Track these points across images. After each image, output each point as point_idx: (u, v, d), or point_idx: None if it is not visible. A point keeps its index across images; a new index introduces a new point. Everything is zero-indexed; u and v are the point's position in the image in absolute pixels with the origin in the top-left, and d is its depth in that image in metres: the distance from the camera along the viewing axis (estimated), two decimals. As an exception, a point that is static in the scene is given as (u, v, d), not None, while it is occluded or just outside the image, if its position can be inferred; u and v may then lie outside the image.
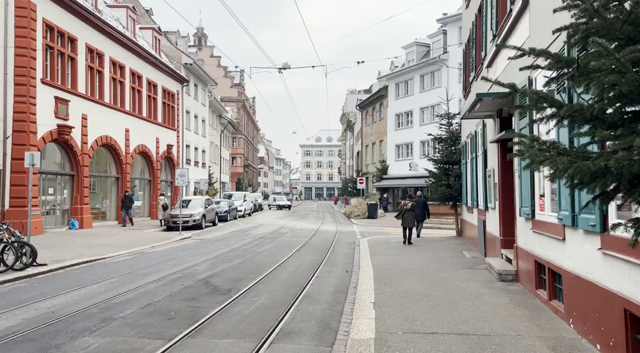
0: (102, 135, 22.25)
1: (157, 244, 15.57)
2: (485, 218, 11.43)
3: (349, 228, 24.24)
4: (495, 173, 9.97)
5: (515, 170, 7.72)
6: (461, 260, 11.21)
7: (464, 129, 16.05)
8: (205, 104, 39.85)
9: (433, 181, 17.79)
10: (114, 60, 23.30)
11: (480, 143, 11.91)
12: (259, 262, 11.38)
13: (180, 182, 20.19)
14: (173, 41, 34.17)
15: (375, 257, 11.97)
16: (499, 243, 9.62)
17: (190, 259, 11.89)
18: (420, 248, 13.62)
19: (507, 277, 8.14)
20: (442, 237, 17.34)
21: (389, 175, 42.94)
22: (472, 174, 13.69)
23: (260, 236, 18.86)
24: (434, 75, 39.20)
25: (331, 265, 11.08)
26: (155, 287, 8.13)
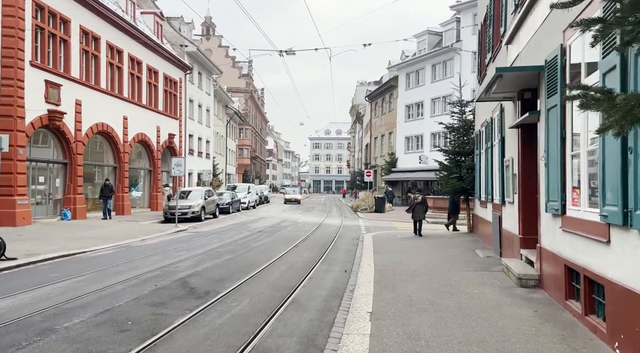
0: (98, 122, 21.34)
1: (148, 237, 14.64)
2: (502, 213, 10.28)
3: (354, 222, 23.17)
4: (515, 162, 8.82)
5: (541, 157, 6.58)
6: (474, 260, 10.09)
7: (478, 117, 14.84)
8: (210, 93, 38.87)
9: (444, 174, 16.62)
10: (111, 45, 22.33)
11: (497, 130, 10.73)
12: (250, 259, 10.36)
13: (177, 171, 19.24)
14: (176, 27, 33.15)
15: (379, 255, 10.89)
16: (518, 243, 8.48)
17: (176, 254, 10.91)
18: (428, 246, 12.51)
19: (529, 282, 7.01)
20: (452, 233, 16.21)
21: (398, 168, 41.72)
22: (486, 165, 12.51)
23: (259, 230, 17.86)
24: (446, 64, 37.79)
25: (329, 264, 10.03)
26: (123, 288, 7.13)
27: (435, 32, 40.71)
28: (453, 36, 37.28)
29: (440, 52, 37.77)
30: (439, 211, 25.67)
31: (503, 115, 10.00)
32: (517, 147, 8.56)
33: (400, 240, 14.10)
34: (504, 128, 9.95)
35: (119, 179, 23.56)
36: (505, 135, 9.82)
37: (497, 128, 10.77)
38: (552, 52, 6.17)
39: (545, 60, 6.41)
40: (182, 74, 31.67)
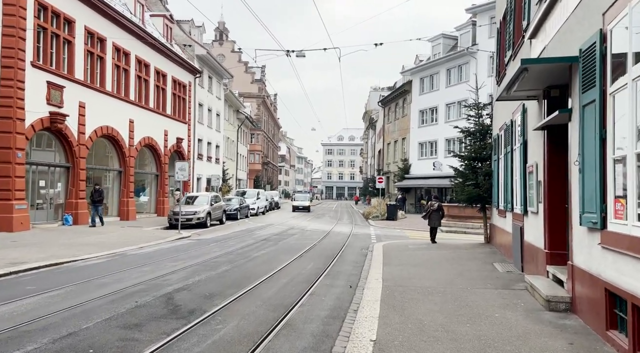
0: (103, 125, 20.87)
1: (147, 244, 13.97)
2: (523, 224, 9.37)
3: (364, 230, 22.29)
4: (540, 168, 7.93)
5: (574, 162, 5.71)
6: (492, 275, 9.18)
7: (496, 120, 13.93)
8: (220, 97, 38.42)
9: (459, 180, 15.69)
10: (118, 47, 21.91)
11: (518, 133, 9.84)
12: (249, 271, 9.59)
13: (181, 176, 18.61)
14: (187, 30, 32.78)
15: (389, 268, 10.04)
16: (544, 258, 7.58)
17: (170, 264, 10.19)
18: (443, 258, 11.61)
19: (559, 305, 6.11)
20: (468, 244, 15.26)
21: (411, 175, 40.73)
22: (505, 171, 11.61)
23: (264, 237, 17.10)
24: (462, 68, 36.82)
25: (333, 277, 9.21)
26: (98, 305, 6.40)
27: (450, 36, 39.79)
28: (468, 40, 36.32)
29: (455, 56, 36.83)
30: (454, 219, 24.70)
31: (525, 116, 9.12)
32: (543, 151, 7.67)
33: (412, 251, 13.22)
34: (527, 130, 9.07)
35: (124, 184, 23.06)
36: (528, 139, 8.93)
37: (518, 131, 9.88)
38: (589, 39, 5.32)
39: (580, 49, 5.55)
40: (192, 77, 31.22)
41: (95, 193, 18.60)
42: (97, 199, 18.57)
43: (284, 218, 30.35)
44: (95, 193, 18.60)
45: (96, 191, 18.69)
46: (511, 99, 8.63)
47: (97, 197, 18.59)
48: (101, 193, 18.86)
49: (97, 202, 18.59)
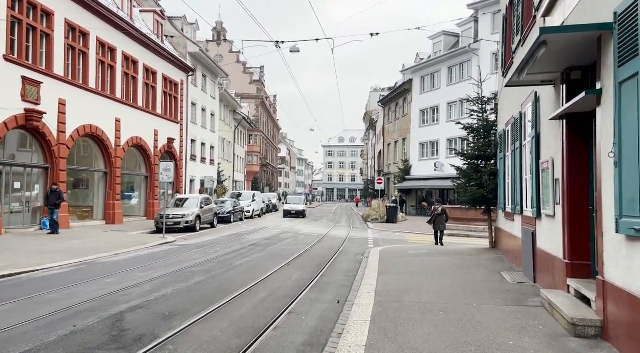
0: (86, 124, 19.80)
1: (124, 251, 12.88)
2: (536, 229, 8.26)
3: (362, 234, 21.17)
4: (557, 164, 6.82)
5: (609, 154, 4.61)
6: (501, 286, 8.07)
7: (502, 115, 12.84)
8: (215, 97, 37.37)
9: (462, 181, 14.56)
10: (103, 42, 20.86)
11: (529, 126, 8.74)
12: (225, 283, 8.49)
13: (165, 177, 17.52)
14: (179, 27, 31.76)
15: (384, 277, 8.94)
16: (563, 269, 6.47)
17: (139, 275, 9.09)
18: (445, 265, 10.50)
19: (587, 330, 4.99)
20: (472, 249, 14.14)
21: (412, 176, 39.61)
22: (513, 170, 10.51)
23: (253, 242, 15.99)
24: (463, 66, 35.72)
25: (320, 290, 8.10)
26: (24, 332, 5.29)
27: (452, 33, 38.70)
28: (470, 37, 35.23)
29: (457, 53, 35.76)
30: (456, 222, 23.57)
31: (538, 106, 8.02)
32: (561, 145, 6.57)
33: (411, 258, 12.11)
34: (539, 122, 7.97)
35: (110, 186, 21.99)
36: (542, 131, 7.83)
37: (529, 124, 8.78)
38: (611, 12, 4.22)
39: (615, 13, 4.45)
40: (184, 75, 30.19)
41: (53, 196, 16.09)
42: (55, 202, 16.03)
43: (280, 221, 29.24)
44: (52, 196, 16.10)
45: (53, 192, 16.18)
46: (523, 84, 7.51)
47: (55, 199, 16.06)
48: (60, 195, 16.31)
49: (54, 205, 16.04)
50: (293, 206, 34.87)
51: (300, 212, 33.93)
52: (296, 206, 34.82)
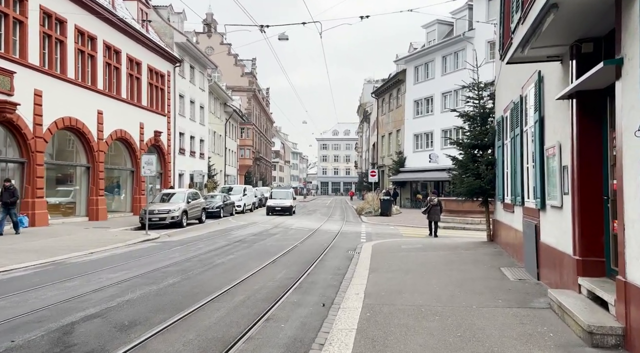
0: (65, 116, 18.91)
1: (100, 249, 12.10)
2: (539, 222, 7.57)
3: (355, 228, 20.48)
4: (566, 150, 6.11)
5: (636, 132, 3.89)
6: (502, 285, 7.38)
7: (500, 101, 12.12)
8: (205, 89, 36.43)
9: (458, 171, 13.86)
10: (82, 30, 19.93)
11: (531, 110, 8.02)
12: (200, 285, 7.75)
13: (147, 171, 16.71)
14: (165, 17, 30.76)
15: (375, 276, 8.25)
16: (573, 266, 5.78)
17: (106, 277, 8.33)
18: (441, 261, 9.81)
19: (607, 339, 4.30)
20: (468, 243, 13.47)
21: (407, 168, 38.93)
22: (512, 158, 9.82)
23: (239, 238, 15.25)
24: (458, 55, 34.96)
25: (305, 292, 7.39)
26: (-47, 348, 4.55)
27: (446, 21, 37.88)
28: (465, 25, 34.44)
29: (451, 41, 34.97)
30: (451, 215, 22.95)
31: (541, 87, 7.29)
32: (570, 127, 5.86)
33: (405, 253, 11.42)
34: (543, 105, 7.25)
35: (93, 181, 21.13)
36: (546, 115, 7.12)
37: (531, 107, 8.06)
38: None
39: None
40: (171, 66, 29.24)
41: (5, 193, 14.17)
42: (9, 200, 14.17)
43: (272, 215, 28.48)
44: (5, 193, 14.17)
45: (6, 190, 14.23)
46: (526, 61, 6.77)
47: (9, 197, 14.17)
48: (13, 193, 14.34)
49: (9, 203, 14.21)
50: (278, 202, 29.15)
51: (286, 209, 28.70)
52: (282, 201, 29.13)
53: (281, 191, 32.10)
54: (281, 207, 28.64)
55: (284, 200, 29.33)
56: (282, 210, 28.63)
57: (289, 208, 28.83)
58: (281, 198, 29.64)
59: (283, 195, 30.13)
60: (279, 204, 28.83)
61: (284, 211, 28.59)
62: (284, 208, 28.67)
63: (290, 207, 29.00)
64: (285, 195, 30.14)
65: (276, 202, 29.08)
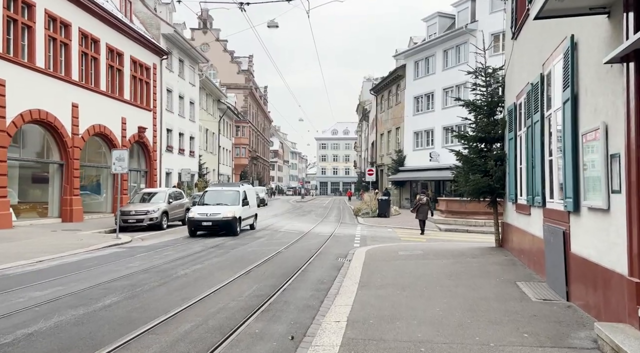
0: (33, 108, 17.34)
1: (52, 257, 10.52)
2: (570, 227, 6.01)
3: (349, 230, 18.91)
4: (616, 132, 4.54)
5: None
6: (523, 307, 5.82)
7: (511, 87, 10.57)
8: (195, 84, 34.86)
9: (463, 168, 12.27)
10: (53, 15, 18.36)
11: (558, 88, 6.47)
12: (143, 307, 6.19)
13: (118, 168, 15.13)
14: (151, 7, 29.21)
15: (365, 292, 6.71)
16: (630, 291, 4.21)
17: (28, 296, 6.75)
18: (443, 273, 8.24)
19: None
20: (474, 248, 11.90)
21: (406, 167, 37.35)
22: (529, 150, 8.27)
23: (217, 243, 13.65)
24: (459, 49, 33.38)
25: (273, 316, 5.82)
26: None
27: (447, 14, 36.33)
28: (467, 17, 32.88)
29: (453, 35, 33.36)
30: (454, 216, 21.40)
31: (575, 55, 5.72)
32: (626, 101, 4.29)
33: (403, 261, 9.86)
34: (577, 78, 5.69)
35: (67, 180, 19.56)
36: (582, 90, 5.55)
37: (558, 85, 6.50)
38: None
39: None
40: (157, 59, 27.68)
41: None
42: None
43: (263, 217, 26.85)
44: None
45: None
46: (559, 14, 5.14)
47: None
48: None
49: None
50: (209, 211, 16.06)
51: (224, 225, 15.77)
52: (216, 212, 15.97)
53: (222, 192, 17.70)
54: (213, 222, 15.59)
55: (223, 207, 16.22)
56: (216, 226, 15.66)
57: (229, 223, 15.67)
58: (219, 204, 16.59)
59: (224, 199, 16.90)
60: (210, 217, 15.69)
61: (221, 228, 15.71)
62: (218, 223, 15.65)
63: (231, 222, 15.69)
64: (228, 199, 16.83)
65: (204, 212, 15.93)
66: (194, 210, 16.51)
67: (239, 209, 16.57)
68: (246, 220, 17.71)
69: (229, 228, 15.89)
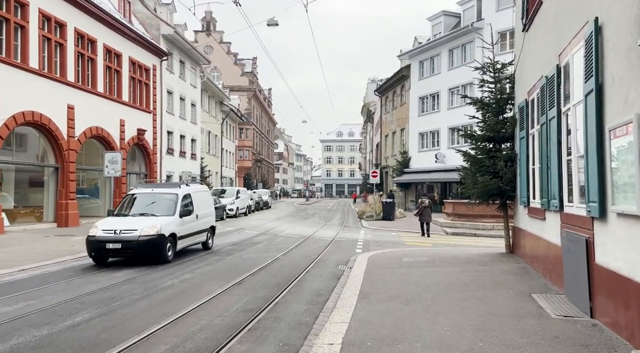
0: (26, 110, 16.85)
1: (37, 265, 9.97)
2: (593, 235, 5.35)
3: (352, 234, 18.26)
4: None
5: None
6: (542, 326, 5.16)
7: (523, 82, 9.90)
8: (196, 86, 34.37)
9: (470, 169, 11.59)
10: (47, 15, 17.89)
11: (577, 80, 5.82)
12: (116, 325, 5.58)
13: (111, 171, 14.61)
14: (151, 7, 28.76)
15: (365, 306, 6.08)
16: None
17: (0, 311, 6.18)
18: (451, 282, 7.58)
19: None
20: (483, 254, 11.22)
21: (412, 169, 36.63)
22: (544, 149, 7.61)
23: (210, 250, 13.06)
24: (465, 48, 32.68)
25: (260, 336, 5.19)
26: None
27: (452, 13, 35.64)
28: (473, 15, 32.17)
29: (458, 34, 32.67)
30: (460, 219, 20.73)
31: (600, 40, 5.07)
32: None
33: (407, 269, 9.21)
34: (603, 65, 5.03)
35: (62, 183, 19.05)
36: (608, 79, 4.89)
37: (578, 76, 5.85)
38: None
39: None
40: (157, 60, 27.21)
41: None
42: None
43: (265, 220, 26.30)
44: None
45: None
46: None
47: None
48: None
49: None
50: (119, 227, 10.33)
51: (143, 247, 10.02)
52: (130, 228, 10.27)
53: (151, 196, 11.88)
54: (124, 243, 10.09)
55: (144, 220, 10.68)
56: (129, 250, 10.17)
57: (149, 245, 10.13)
58: (143, 214, 11.15)
59: (153, 207, 11.42)
60: (117, 235, 10.17)
61: (137, 253, 10.16)
62: (132, 245, 10.07)
63: (155, 242, 10.19)
64: (158, 207, 11.38)
65: (112, 228, 10.35)
66: (99, 226, 10.44)
67: (172, 222, 10.61)
68: (189, 237, 11.63)
69: (150, 252, 9.95)
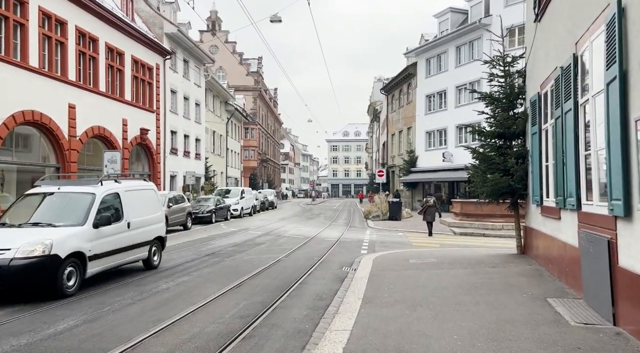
0: (26, 109, 16.58)
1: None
2: (617, 236, 4.93)
3: (358, 235, 17.85)
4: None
5: None
6: (561, 334, 4.74)
7: (535, 75, 9.47)
8: (201, 85, 34.11)
9: (480, 167, 11.16)
10: (48, 13, 17.63)
11: (596, 69, 5.39)
12: (102, 333, 5.24)
13: (110, 170, 14.34)
14: (155, 6, 28.52)
15: (369, 311, 5.69)
16: None
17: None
18: (460, 286, 7.17)
19: None
20: (493, 255, 10.79)
21: (418, 168, 36.15)
22: (559, 145, 7.18)
23: (213, 251, 12.73)
24: (473, 45, 32.14)
25: (254, 347, 4.82)
26: None
27: (459, 9, 35.13)
28: (480, 11, 31.65)
29: (465, 30, 32.14)
30: (469, 219, 20.26)
31: (623, 23, 4.64)
32: None
33: (414, 271, 8.81)
34: (627, 51, 4.61)
35: (64, 183, 18.78)
36: (631, 65, 4.47)
37: (598, 64, 5.42)
38: None
39: None
40: (160, 59, 26.94)
41: None
42: None
43: (270, 220, 25.96)
44: None
45: None
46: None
47: None
48: None
49: None
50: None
51: (18, 275, 6.53)
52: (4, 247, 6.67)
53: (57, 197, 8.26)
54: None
55: (28, 235, 7.11)
56: None
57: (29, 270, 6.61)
58: (36, 224, 7.61)
59: (54, 217, 7.79)
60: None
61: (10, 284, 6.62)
62: (3, 273, 6.49)
63: (41, 265, 6.67)
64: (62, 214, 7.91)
65: None
66: None
67: (76, 235, 7.43)
68: (114, 255, 8.31)
69: (29, 283, 6.76)
